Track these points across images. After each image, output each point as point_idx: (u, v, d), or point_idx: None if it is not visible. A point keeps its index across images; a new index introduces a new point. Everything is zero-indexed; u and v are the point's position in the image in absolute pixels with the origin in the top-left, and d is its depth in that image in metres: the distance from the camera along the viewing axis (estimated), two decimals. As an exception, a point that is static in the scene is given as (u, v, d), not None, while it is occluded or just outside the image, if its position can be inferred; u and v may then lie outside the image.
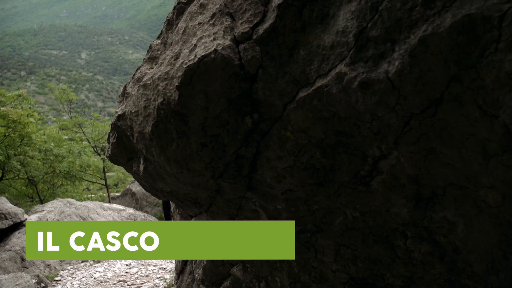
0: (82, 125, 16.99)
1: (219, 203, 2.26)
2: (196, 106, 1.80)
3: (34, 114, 11.22)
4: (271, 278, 2.67)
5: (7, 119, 9.81)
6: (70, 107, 17.61)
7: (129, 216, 11.35)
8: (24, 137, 10.92)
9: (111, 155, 2.57)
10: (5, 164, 11.52)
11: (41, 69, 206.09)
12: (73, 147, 13.94)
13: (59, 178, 14.70)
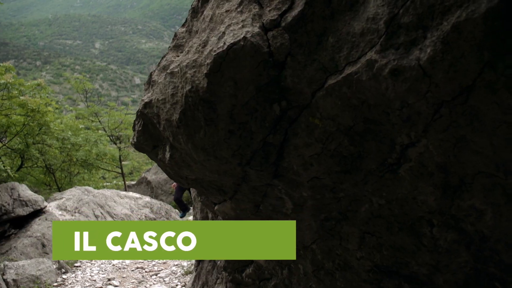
0: (98, 114, 17.16)
1: (244, 191, 2.28)
2: (225, 93, 1.81)
3: (52, 103, 11.36)
4: (294, 266, 2.69)
5: (26, 108, 9.94)
6: (86, 96, 17.77)
7: (146, 204, 11.49)
8: (42, 125, 11.07)
9: (137, 142, 2.60)
10: (24, 152, 11.71)
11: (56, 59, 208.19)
12: (89, 135, 14.11)
13: (76, 167, 14.91)
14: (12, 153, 12.38)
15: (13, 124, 10.63)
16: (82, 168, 14.98)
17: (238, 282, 3.02)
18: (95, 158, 14.70)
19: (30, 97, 10.35)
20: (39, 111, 10.06)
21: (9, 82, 9.37)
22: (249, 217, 2.50)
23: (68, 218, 9.07)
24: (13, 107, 9.85)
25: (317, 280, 2.59)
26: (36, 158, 12.35)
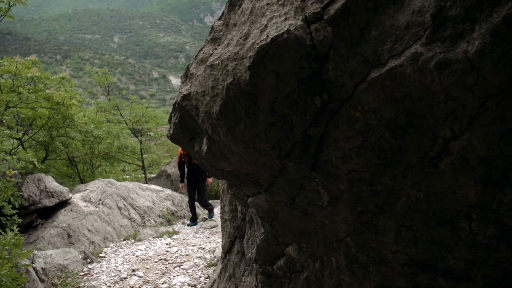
0: (119, 108, 17.36)
1: (280, 183, 2.30)
2: (267, 86, 1.82)
3: (76, 96, 11.54)
4: (326, 258, 2.70)
5: (51, 101, 10.12)
6: (108, 90, 17.99)
7: (167, 197, 11.61)
8: (66, 118, 11.26)
9: (173, 134, 2.64)
10: (48, 144, 11.93)
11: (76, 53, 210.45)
12: (111, 128, 14.28)
13: (97, 159, 15.13)
14: (36, 145, 12.63)
15: (39, 117, 10.84)
16: (103, 160, 15.20)
17: (268, 274, 3.05)
18: (117, 151, 14.89)
19: (55, 90, 10.52)
20: (63, 104, 10.23)
21: (35, 76, 9.55)
22: (284, 210, 2.52)
23: (92, 210, 9.22)
24: (38, 100, 10.03)
25: (350, 273, 2.60)
26: (60, 150, 12.57)
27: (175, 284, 6.26)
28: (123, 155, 15.91)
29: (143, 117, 17.42)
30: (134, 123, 17.13)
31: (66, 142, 12.83)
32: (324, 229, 2.50)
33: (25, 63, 9.57)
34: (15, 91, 9.11)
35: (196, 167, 9.43)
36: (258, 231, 3.09)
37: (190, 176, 9.67)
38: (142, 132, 17.95)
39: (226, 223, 4.02)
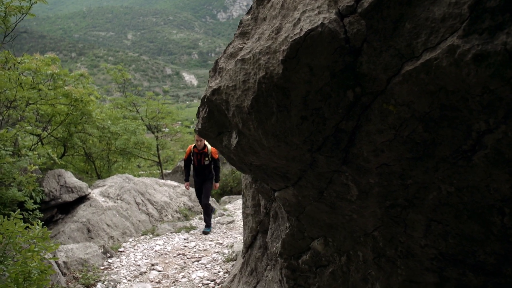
0: (136, 104, 17.50)
1: (309, 177, 2.30)
2: (300, 79, 1.83)
3: (94, 92, 11.67)
4: (353, 253, 2.70)
5: (70, 97, 10.24)
6: (125, 86, 18.15)
7: (184, 193, 11.68)
8: (84, 114, 11.39)
9: (201, 129, 2.66)
10: (67, 140, 12.09)
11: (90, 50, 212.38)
12: (128, 125, 14.41)
13: (114, 155, 15.28)
14: (55, 141, 12.80)
15: (58, 114, 10.98)
16: (120, 156, 15.35)
17: (294, 268, 3.06)
18: (133, 147, 15.03)
19: (73, 87, 10.65)
20: (82, 100, 10.35)
21: (54, 72, 9.68)
22: (311, 204, 2.52)
23: (111, 205, 9.33)
24: (58, 96, 10.16)
25: (377, 267, 2.59)
26: (78, 146, 12.73)
27: (194, 279, 6.31)
28: (139, 151, 16.03)
29: (159, 113, 17.55)
30: (150, 119, 17.26)
31: (83, 138, 12.99)
32: (351, 223, 2.50)
33: (45, 60, 9.70)
34: (36, 88, 9.24)
35: (203, 167, 8.96)
36: (283, 226, 3.10)
37: (196, 175, 9.18)
38: (158, 128, 18.09)
39: (248, 218, 4.04)
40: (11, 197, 7.36)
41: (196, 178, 9.19)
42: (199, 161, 8.95)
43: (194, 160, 8.98)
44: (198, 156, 8.93)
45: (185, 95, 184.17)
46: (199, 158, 8.93)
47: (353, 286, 2.82)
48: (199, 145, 8.79)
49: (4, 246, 3.43)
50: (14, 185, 7.54)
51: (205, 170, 8.99)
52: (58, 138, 12.51)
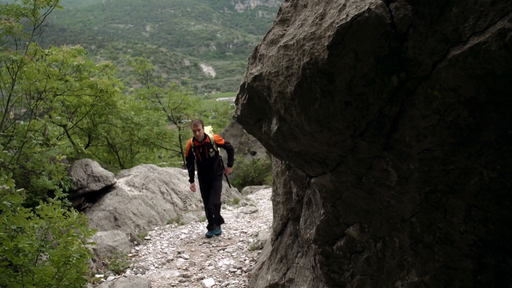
0: (158, 95, 17.70)
1: (349, 163, 2.33)
2: (345, 65, 1.85)
3: (119, 83, 11.84)
4: (389, 239, 2.72)
5: (95, 88, 10.42)
6: (147, 78, 18.35)
7: (207, 182, 11.80)
8: (109, 105, 11.58)
9: (240, 115, 2.70)
10: (92, 131, 12.33)
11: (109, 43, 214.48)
12: (151, 115, 14.60)
13: (137, 145, 15.52)
14: (80, 132, 13.05)
15: (83, 104, 11.19)
16: (142, 146, 15.58)
17: (328, 254, 3.09)
18: (156, 137, 15.23)
19: (98, 78, 10.82)
20: (107, 91, 10.52)
21: (80, 64, 9.85)
22: (349, 190, 2.54)
23: (136, 194, 9.50)
24: (83, 87, 10.35)
25: (414, 253, 2.61)
26: (103, 136, 12.96)
27: (221, 266, 6.41)
28: (161, 141, 16.24)
29: (181, 103, 17.71)
30: (173, 110, 17.44)
31: (107, 128, 13.21)
32: (389, 209, 2.51)
33: (71, 52, 9.87)
34: (63, 79, 9.42)
35: (210, 161, 7.72)
36: (317, 212, 3.13)
37: (203, 173, 7.90)
38: (181, 118, 18.27)
39: (278, 206, 4.09)
40: (42, 185, 7.56)
41: (203, 177, 7.95)
42: (203, 155, 7.69)
43: (197, 155, 7.73)
44: (200, 149, 7.66)
45: (203, 87, 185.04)
46: (202, 151, 7.67)
47: (388, 272, 2.84)
48: (198, 135, 7.53)
49: (45, 231, 3.55)
50: (45, 174, 7.73)
51: (213, 164, 7.78)
52: (83, 129, 12.75)
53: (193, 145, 7.71)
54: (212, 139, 7.67)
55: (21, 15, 7.29)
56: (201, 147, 7.62)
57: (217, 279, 5.87)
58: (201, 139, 7.59)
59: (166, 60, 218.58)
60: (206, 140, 7.64)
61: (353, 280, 3.06)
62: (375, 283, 2.95)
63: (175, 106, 17.39)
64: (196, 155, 7.75)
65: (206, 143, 7.63)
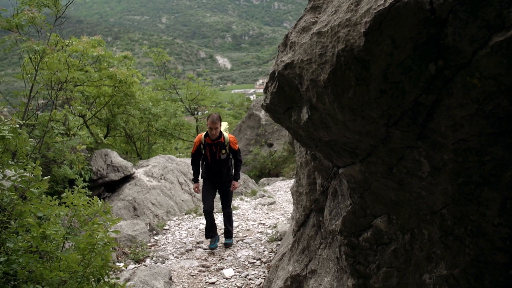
0: (176, 86, 17.76)
1: (380, 153, 2.29)
2: (381, 52, 1.81)
3: (137, 74, 11.90)
4: (417, 231, 2.68)
5: (114, 79, 10.49)
6: (165, 69, 18.42)
7: (225, 174, 11.82)
8: (128, 96, 11.65)
9: (269, 104, 2.67)
10: (110, 121, 12.44)
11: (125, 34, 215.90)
12: (168, 106, 14.67)
13: (154, 136, 15.62)
14: (98, 122, 13.17)
15: (102, 95, 11.29)
16: (160, 137, 15.68)
17: (354, 246, 3.06)
18: (173, 128, 15.31)
19: (117, 68, 10.89)
20: (126, 82, 10.58)
21: (100, 54, 9.92)
22: (378, 180, 2.51)
23: (155, 184, 9.57)
24: (102, 78, 10.42)
25: (443, 246, 2.56)
26: (121, 127, 13.07)
27: (240, 257, 6.42)
28: (179, 132, 16.31)
29: (199, 95, 17.75)
30: (191, 101, 17.49)
31: (125, 119, 13.30)
32: (419, 200, 2.47)
33: (91, 43, 9.94)
34: (83, 70, 9.49)
35: (220, 163, 6.76)
36: (343, 203, 3.10)
37: (210, 174, 6.94)
38: (198, 110, 18.32)
39: (301, 197, 4.06)
40: (63, 174, 7.66)
41: (210, 178, 6.99)
42: (214, 155, 6.70)
43: (206, 153, 6.72)
44: (212, 148, 6.67)
45: (218, 78, 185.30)
46: (214, 150, 6.67)
47: (415, 264, 2.81)
48: (213, 134, 6.53)
49: (71, 218, 3.58)
50: (66, 163, 7.83)
51: (222, 167, 6.81)
52: (102, 119, 12.86)
53: (204, 142, 6.71)
54: (227, 140, 6.71)
55: (43, 6, 7.35)
56: (213, 146, 6.63)
57: (237, 270, 5.89)
58: (215, 137, 6.57)
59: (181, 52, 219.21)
60: (221, 139, 6.65)
61: (379, 272, 3.03)
62: (401, 276, 2.92)
63: (193, 98, 17.45)
64: (205, 153, 6.76)
65: (220, 143, 6.64)
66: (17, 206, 3.40)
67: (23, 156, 3.75)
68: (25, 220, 3.42)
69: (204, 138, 6.71)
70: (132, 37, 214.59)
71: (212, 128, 6.49)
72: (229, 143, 6.72)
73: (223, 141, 6.67)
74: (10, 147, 3.47)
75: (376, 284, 3.05)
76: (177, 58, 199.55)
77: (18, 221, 3.47)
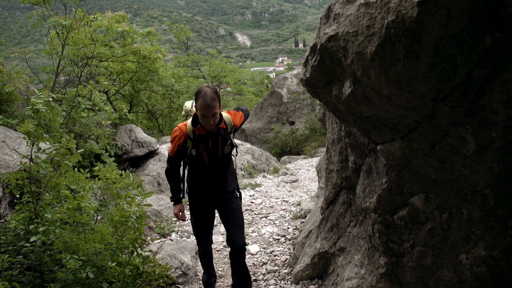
0: (198, 63, 17.72)
1: (423, 129, 2.23)
2: (434, 23, 1.73)
3: (161, 50, 11.89)
4: (456, 210, 2.62)
5: (138, 55, 10.49)
6: (187, 45, 18.37)
7: (247, 151, 11.84)
8: (151, 72, 11.67)
9: (309, 78, 2.62)
10: (133, 97, 12.51)
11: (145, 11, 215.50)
12: (191, 83, 14.67)
13: (176, 113, 15.69)
14: (122, 98, 13.27)
15: (126, 71, 11.32)
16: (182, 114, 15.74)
17: (388, 224, 3.03)
18: (195, 105, 15.29)
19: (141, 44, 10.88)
20: (149, 58, 10.58)
21: (125, 30, 9.91)
22: (419, 158, 2.45)
23: (179, 160, 9.63)
24: (126, 54, 10.44)
25: (484, 226, 2.51)
26: (144, 103, 13.15)
27: (264, 234, 6.45)
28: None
29: (221, 71, 17.69)
30: (213, 78, 17.45)
31: (148, 95, 13.37)
32: (460, 179, 2.41)
33: (116, 18, 9.93)
34: (108, 45, 9.51)
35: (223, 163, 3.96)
36: (378, 181, 3.06)
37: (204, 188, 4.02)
38: (220, 86, 18.29)
39: (331, 174, 4.02)
40: (89, 149, 7.76)
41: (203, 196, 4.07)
42: (214, 153, 3.86)
43: (201, 153, 3.83)
44: (209, 143, 3.81)
45: (238, 56, 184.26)
46: (213, 145, 3.83)
47: (452, 244, 2.76)
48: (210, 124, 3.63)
49: (104, 192, 3.63)
50: (92, 138, 7.93)
51: (226, 169, 4.03)
52: (125, 95, 12.94)
53: (192, 137, 3.80)
54: (230, 121, 3.94)
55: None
56: (210, 139, 3.78)
57: (262, 246, 5.93)
58: (213, 125, 3.66)
59: (201, 29, 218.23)
60: (221, 125, 3.81)
61: (413, 251, 2.99)
62: (436, 255, 2.88)
63: (215, 74, 17.40)
64: (196, 155, 3.83)
65: (221, 131, 3.82)
66: (52, 178, 3.46)
67: (56, 129, 3.79)
68: (60, 192, 3.48)
69: (192, 131, 3.76)
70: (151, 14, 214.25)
71: (207, 115, 3.52)
72: (233, 125, 3.95)
73: (226, 126, 3.86)
74: (45, 120, 3.50)
75: (410, 263, 3.03)
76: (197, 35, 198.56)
77: (53, 193, 3.53)
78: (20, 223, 3.41)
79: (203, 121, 3.62)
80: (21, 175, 3.42)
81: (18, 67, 8.77)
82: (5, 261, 2.93)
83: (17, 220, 3.44)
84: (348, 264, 3.77)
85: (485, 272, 2.60)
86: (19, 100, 7.75)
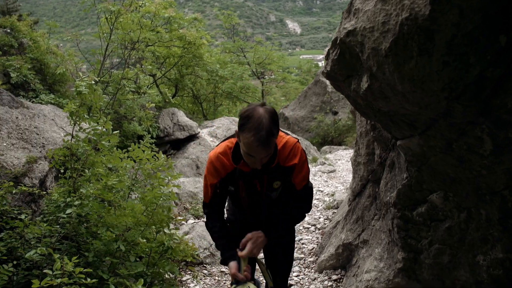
0: (243, 49, 17.86)
1: (440, 127, 2.22)
2: (447, 22, 1.73)
3: (206, 36, 12.09)
4: (474, 210, 2.60)
5: (183, 40, 10.73)
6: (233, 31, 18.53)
7: (286, 139, 11.88)
8: (196, 57, 11.91)
9: (330, 71, 2.66)
10: (179, 82, 12.83)
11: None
12: (235, 69, 14.84)
13: (220, 98, 15.94)
14: (167, 82, 13.63)
15: (172, 56, 11.62)
16: (225, 99, 15.98)
17: (407, 219, 3.03)
18: (239, 91, 15.52)
19: (187, 30, 11.10)
20: (195, 43, 10.79)
21: (171, 16, 10.16)
22: (437, 155, 2.44)
23: (218, 145, 9.84)
24: (172, 39, 10.70)
25: (501, 228, 2.47)
26: (189, 88, 13.46)
27: (295, 222, 6.52)
28: (244, 95, 16.50)
29: (266, 59, 17.75)
30: (257, 65, 17.55)
31: (193, 80, 13.65)
32: (478, 179, 2.38)
33: (163, 4, 10.17)
34: (154, 30, 9.79)
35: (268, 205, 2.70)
36: (400, 176, 3.06)
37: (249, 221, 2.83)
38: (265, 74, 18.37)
39: (359, 166, 4.04)
40: (133, 130, 8.09)
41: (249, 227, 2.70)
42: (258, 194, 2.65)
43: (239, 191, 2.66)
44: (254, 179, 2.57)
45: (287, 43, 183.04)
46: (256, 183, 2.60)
47: (470, 244, 2.74)
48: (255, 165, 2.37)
49: (136, 171, 3.83)
50: (136, 119, 8.25)
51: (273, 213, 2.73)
52: (171, 79, 13.29)
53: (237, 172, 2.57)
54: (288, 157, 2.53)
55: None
56: (256, 176, 2.57)
57: (291, 233, 6.01)
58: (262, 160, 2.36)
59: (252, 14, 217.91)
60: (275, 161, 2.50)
61: (430, 248, 2.99)
62: (454, 254, 2.86)
63: (260, 61, 17.49)
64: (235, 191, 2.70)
65: (270, 167, 2.51)
66: (90, 156, 3.68)
67: (97, 110, 4.01)
68: (97, 169, 3.70)
69: (232, 164, 2.55)
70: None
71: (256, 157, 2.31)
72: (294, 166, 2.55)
73: (278, 161, 2.52)
74: (86, 101, 3.71)
75: (427, 260, 3.02)
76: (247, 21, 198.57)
77: (92, 170, 3.76)
78: (61, 196, 3.65)
79: (247, 159, 2.40)
80: (64, 152, 3.67)
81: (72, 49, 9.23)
82: (45, 229, 3.19)
83: (59, 193, 3.69)
84: (369, 257, 3.79)
85: (502, 275, 2.57)
86: (70, 81, 8.18)
